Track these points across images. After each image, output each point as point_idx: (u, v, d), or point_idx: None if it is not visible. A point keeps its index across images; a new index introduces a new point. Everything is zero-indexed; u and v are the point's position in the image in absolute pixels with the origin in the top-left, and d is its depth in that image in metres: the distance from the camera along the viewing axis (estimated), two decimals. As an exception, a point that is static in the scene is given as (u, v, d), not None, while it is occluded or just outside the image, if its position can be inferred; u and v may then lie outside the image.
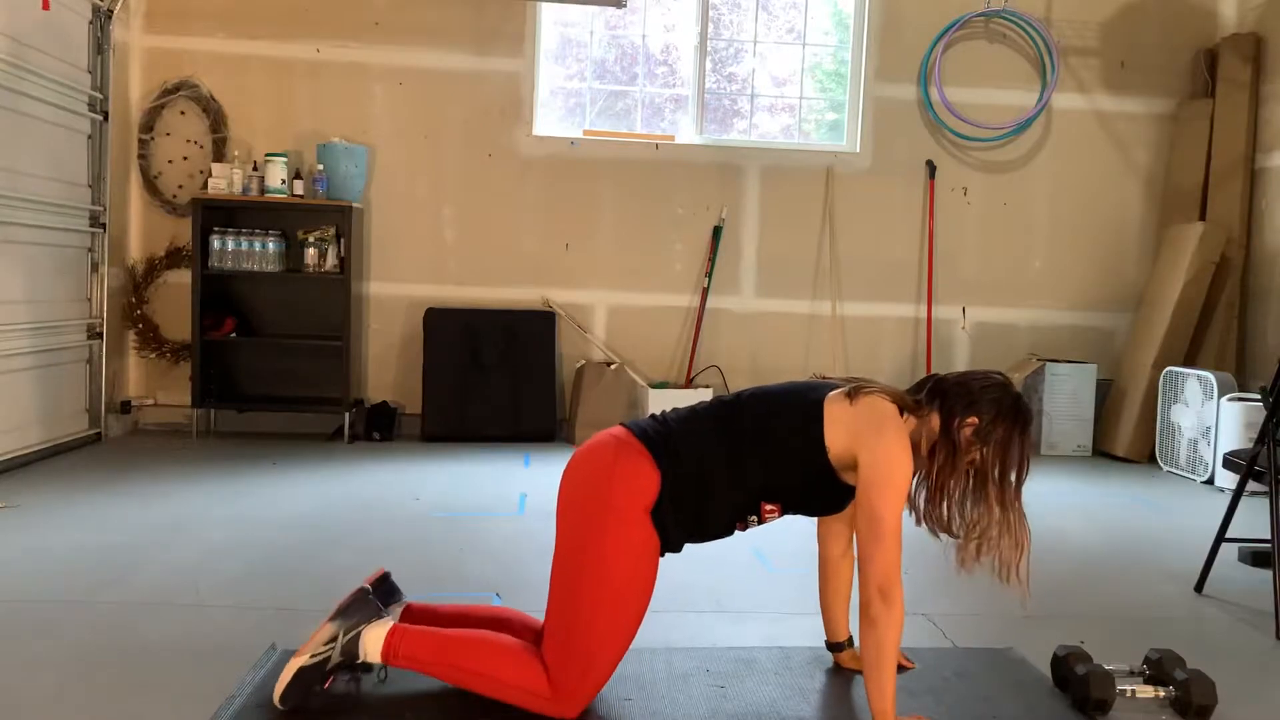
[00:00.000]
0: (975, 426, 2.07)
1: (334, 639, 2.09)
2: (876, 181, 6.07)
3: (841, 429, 2.07)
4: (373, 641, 2.10)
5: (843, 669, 2.40)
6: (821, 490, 2.14)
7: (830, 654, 2.44)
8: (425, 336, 5.65)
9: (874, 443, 2.03)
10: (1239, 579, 3.42)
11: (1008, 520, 2.06)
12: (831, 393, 2.13)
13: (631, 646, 2.12)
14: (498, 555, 3.46)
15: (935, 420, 2.09)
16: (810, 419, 2.09)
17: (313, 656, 2.07)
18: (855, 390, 2.12)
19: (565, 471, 2.18)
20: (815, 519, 2.34)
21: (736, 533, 2.18)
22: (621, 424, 2.19)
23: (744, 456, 2.10)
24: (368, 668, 2.14)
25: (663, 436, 2.12)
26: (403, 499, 4.25)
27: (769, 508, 2.13)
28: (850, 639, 2.41)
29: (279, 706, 2.06)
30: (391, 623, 2.14)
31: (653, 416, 2.21)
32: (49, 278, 4.86)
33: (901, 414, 2.09)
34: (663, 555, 2.13)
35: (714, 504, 2.11)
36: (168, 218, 5.68)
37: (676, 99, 6.18)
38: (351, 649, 2.09)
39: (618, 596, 2.04)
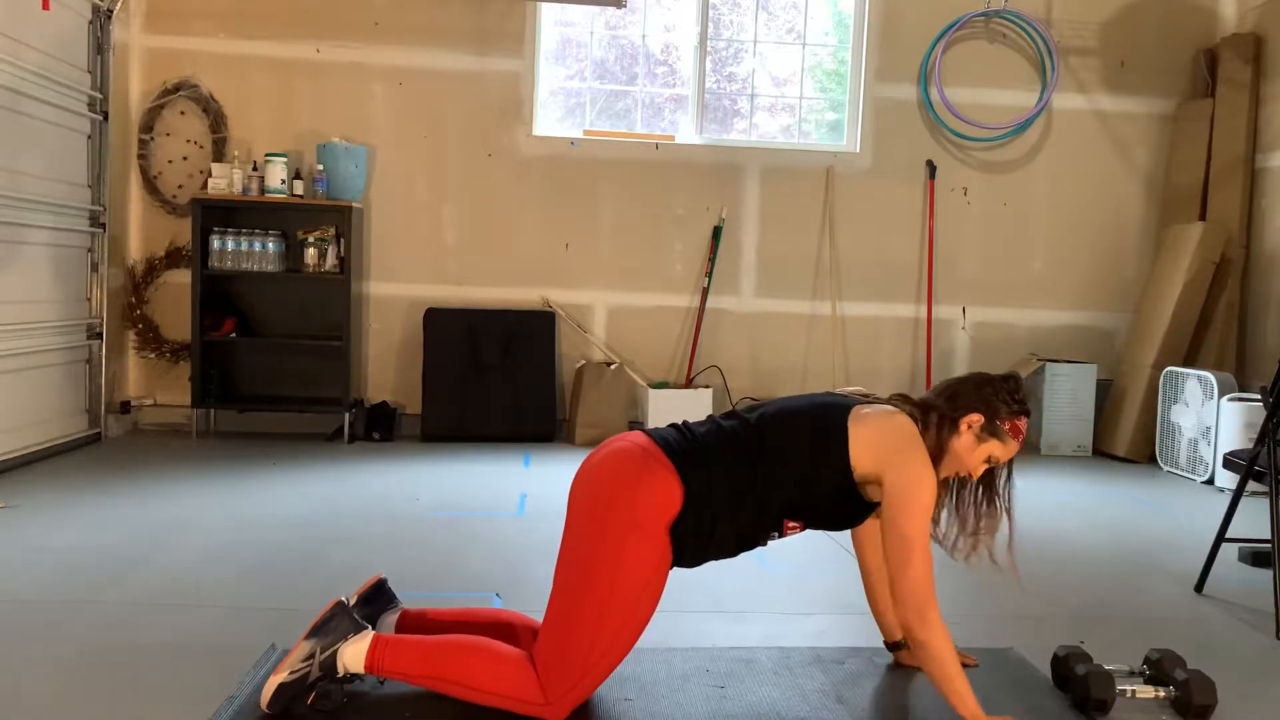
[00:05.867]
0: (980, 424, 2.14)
1: (311, 656, 2.05)
2: (876, 181, 6.07)
3: (866, 450, 2.08)
4: (351, 657, 2.06)
5: (841, 668, 2.41)
6: (845, 507, 2.16)
7: (890, 653, 2.48)
8: (425, 336, 5.64)
9: (899, 464, 2.06)
10: (1239, 579, 3.42)
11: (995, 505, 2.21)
12: (853, 410, 2.14)
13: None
14: (498, 555, 3.46)
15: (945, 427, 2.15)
16: (836, 440, 2.09)
17: (291, 673, 2.04)
18: (877, 406, 2.17)
19: (583, 474, 2.12)
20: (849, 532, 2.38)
21: (758, 547, 2.18)
22: (644, 431, 2.15)
23: (770, 476, 2.09)
24: (351, 679, 2.10)
25: (687, 450, 2.09)
26: (403, 499, 4.25)
27: (792, 524, 2.14)
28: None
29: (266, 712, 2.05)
30: (371, 635, 2.08)
31: (674, 427, 2.17)
32: (49, 278, 4.86)
33: (920, 425, 2.13)
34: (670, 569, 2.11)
35: (737, 522, 2.09)
36: (168, 218, 5.68)
37: (676, 99, 6.18)
38: (329, 665, 2.05)
39: (626, 611, 2.01)
